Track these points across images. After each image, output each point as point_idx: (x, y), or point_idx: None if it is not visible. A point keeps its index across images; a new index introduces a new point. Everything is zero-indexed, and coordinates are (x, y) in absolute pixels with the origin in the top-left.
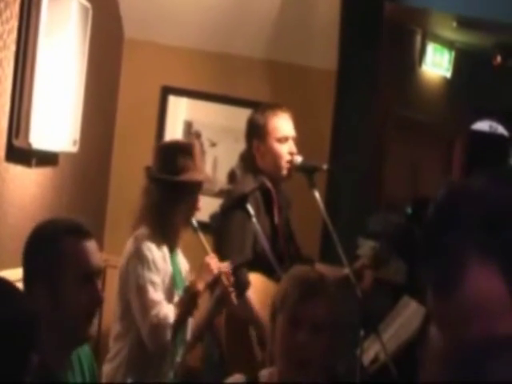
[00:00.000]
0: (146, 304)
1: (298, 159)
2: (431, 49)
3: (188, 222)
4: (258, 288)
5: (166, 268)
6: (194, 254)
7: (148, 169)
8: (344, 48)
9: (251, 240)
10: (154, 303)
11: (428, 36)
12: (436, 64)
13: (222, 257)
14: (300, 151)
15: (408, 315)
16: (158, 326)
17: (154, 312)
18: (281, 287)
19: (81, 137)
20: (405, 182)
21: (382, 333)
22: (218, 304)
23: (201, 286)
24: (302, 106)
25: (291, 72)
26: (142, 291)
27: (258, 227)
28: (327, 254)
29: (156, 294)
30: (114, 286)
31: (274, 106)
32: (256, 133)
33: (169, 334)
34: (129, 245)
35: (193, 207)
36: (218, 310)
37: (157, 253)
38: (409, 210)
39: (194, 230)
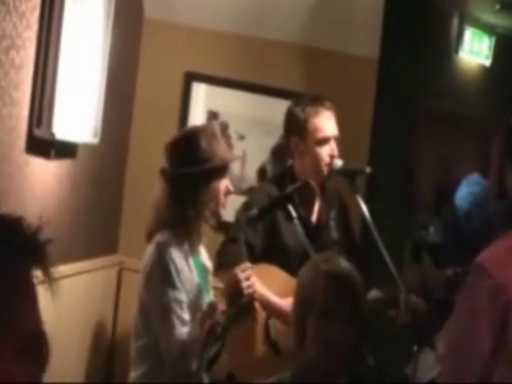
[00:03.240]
0: (171, 327)
1: (338, 163)
2: (469, 34)
3: (217, 216)
4: (279, 281)
5: (192, 278)
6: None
7: (163, 171)
8: (387, 33)
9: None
10: (180, 326)
11: (466, 19)
12: (474, 51)
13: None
14: (339, 151)
15: None
16: (184, 354)
17: (179, 337)
18: (308, 280)
19: (101, 128)
20: (437, 182)
21: (437, 344)
22: (241, 314)
23: (222, 305)
24: (339, 96)
25: (328, 59)
26: (165, 312)
27: (300, 229)
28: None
29: (182, 314)
30: (131, 291)
31: (316, 102)
32: (295, 129)
33: (195, 364)
34: (149, 252)
35: (223, 193)
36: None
37: (181, 262)
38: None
39: (222, 225)
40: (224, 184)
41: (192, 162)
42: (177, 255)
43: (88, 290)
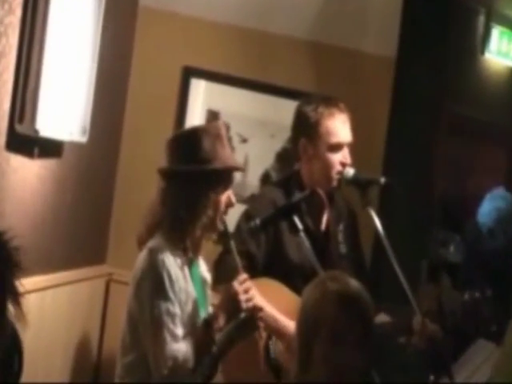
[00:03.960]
0: (162, 343)
1: (350, 172)
2: (497, 33)
3: (215, 226)
4: (280, 298)
5: (188, 289)
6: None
7: (161, 170)
8: (405, 30)
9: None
10: (172, 342)
11: (493, 17)
12: (502, 52)
13: None
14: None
15: (486, 356)
16: (175, 373)
17: (171, 353)
18: (314, 300)
19: (90, 126)
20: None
21: (455, 376)
22: (242, 330)
23: (222, 321)
24: (351, 98)
25: (340, 57)
26: (156, 325)
27: (306, 242)
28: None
29: (174, 329)
30: (119, 304)
31: (330, 103)
32: (305, 130)
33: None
34: (141, 259)
35: (224, 204)
36: (241, 337)
37: (176, 271)
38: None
39: (224, 236)
40: (226, 195)
41: (191, 160)
42: (171, 263)
43: (73, 303)
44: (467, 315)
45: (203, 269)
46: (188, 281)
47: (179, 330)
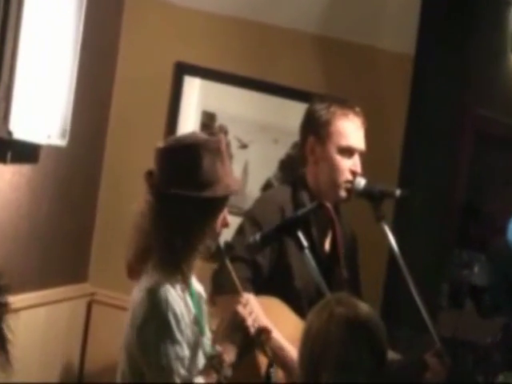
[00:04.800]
0: None
1: (361, 182)
2: None
3: (210, 247)
4: (284, 321)
5: (191, 318)
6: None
7: (150, 176)
8: (425, 25)
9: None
10: None
11: None
12: None
13: None
14: (362, 166)
15: None
16: None
17: None
18: (321, 326)
19: (71, 128)
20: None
21: None
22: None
23: (231, 356)
24: (364, 100)
25: (352, 54)
26: (166, 374)
27: (312, 262)
28: (391, 307)
29: (185, 374)
30: (102, 327)
31: (345, 104)
32: (315, 128)
33: None
34: (139, 300)
35: (220, 225)
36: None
37: (179, 305)
38: None
39: (218, 255)
40: (222, 215)
41: (190, 184)
42: (174, 298)
43: (50, 327)
44: (496, 346)
45: (194, 281)
46: (190, 309)
47: (189, 375)
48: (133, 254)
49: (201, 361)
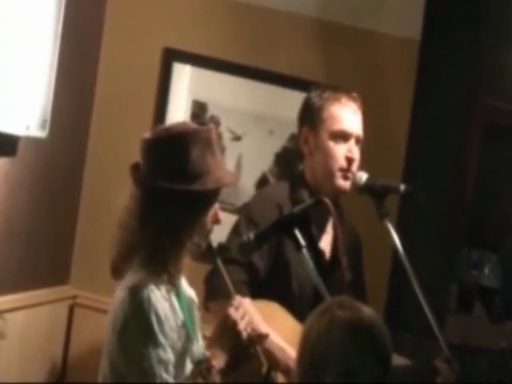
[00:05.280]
0: None
1: (363, 177)
2: None
3: (200, 245)
4: (282, 325)
5: (178, 322)
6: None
7: (136, 168)
8: (432, 8)
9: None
10: None
11: None
12: None
13: None
14: (362, 159)
15: None
16: None
17: None
18: (321, 331)
19: (51, 118)
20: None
21: None
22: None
23: (220, 361)
24: (367, 89)
25: (354, 39)
26: (148, 378)
27: (310, 262)
28: (396, 310)
29: (168, 379)
30: (85, 331)
31: (339, 90)
32: (308, 117)
33: None
34: (121, 299)
35: (211, 221)
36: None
37: (163, 306)
38: None
39: (210, 254)
40: (213, 211)
41: (177, 176)
42: (157, 298)
43: (30, 331)
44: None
45: (185, 285)
46: (177, 312)
47: (172, 378)
48: (117, 253)
49: (188, 367)
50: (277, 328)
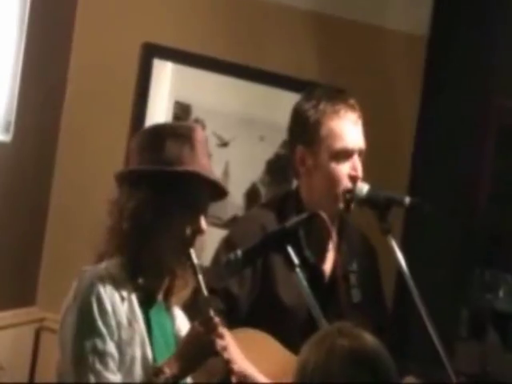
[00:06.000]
0: None
1: (364, 188)
2: None
3: (182, 255)
4: (268, 355)
5: (137, 328)
6: None
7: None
8: (441, 1)
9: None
10: None
11: None
12: None
13: None
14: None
15: None
16: None
17: None
18: (318, 361)
19: (16, 120)
20: None
21: None
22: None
23: (176, 367)
24: (369, 90)
25: (355, 35)
26: (79, 366)
27: (304, 282)
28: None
29: (103, 372)
30: (52, 357)
31: (335, 98)
32: (302, 134)
33: None
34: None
35: (193, 229)
36: None
37: (115, 300)
38: None
39: (192, 270)
40: (196, 219)
41: (148, 163)
42: (106, 290)
43: None
44: None
45: (181, 321)
46: (136, 314)
47: (111, 375)
48: (103, 244)
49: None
50: (262, 358)
